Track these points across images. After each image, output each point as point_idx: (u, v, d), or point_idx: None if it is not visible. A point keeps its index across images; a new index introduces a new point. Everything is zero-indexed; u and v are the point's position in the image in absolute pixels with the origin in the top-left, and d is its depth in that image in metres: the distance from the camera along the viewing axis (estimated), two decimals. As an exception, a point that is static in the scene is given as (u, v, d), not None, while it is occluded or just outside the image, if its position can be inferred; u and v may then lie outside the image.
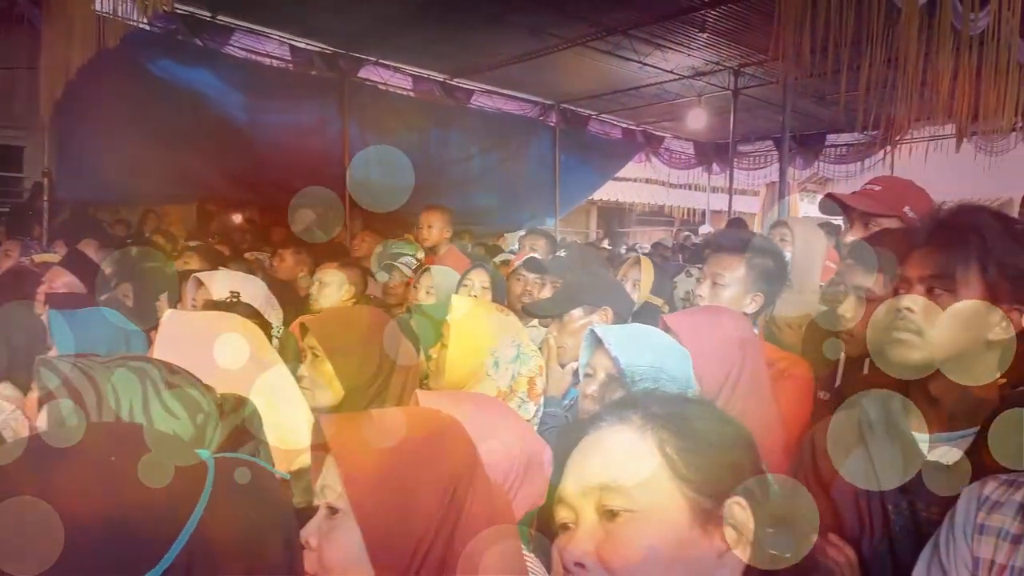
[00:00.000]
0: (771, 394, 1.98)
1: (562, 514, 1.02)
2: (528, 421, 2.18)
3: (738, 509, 0.96)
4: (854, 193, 2.53)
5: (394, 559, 1.05)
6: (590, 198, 14.87)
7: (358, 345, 1.98)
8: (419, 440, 1.14)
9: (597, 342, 1.91)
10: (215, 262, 4.17)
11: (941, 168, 9.52)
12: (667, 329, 1.95)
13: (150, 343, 1.93)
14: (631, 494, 0.95)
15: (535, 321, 3.09)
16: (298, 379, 1.99)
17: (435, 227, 4.81)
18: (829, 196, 2.52)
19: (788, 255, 2.93)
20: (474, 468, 1.17)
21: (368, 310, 2.27)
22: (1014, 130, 7.81)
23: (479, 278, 3.31)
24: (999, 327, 1.36)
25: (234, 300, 2.53)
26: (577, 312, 2.52)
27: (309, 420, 1.78)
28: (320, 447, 1.17)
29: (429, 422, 1.22)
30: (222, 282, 2.84)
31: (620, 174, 14.67)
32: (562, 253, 4.21)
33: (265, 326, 2.44)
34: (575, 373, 2.49)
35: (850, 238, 2.36)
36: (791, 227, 3.29)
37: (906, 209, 2.33)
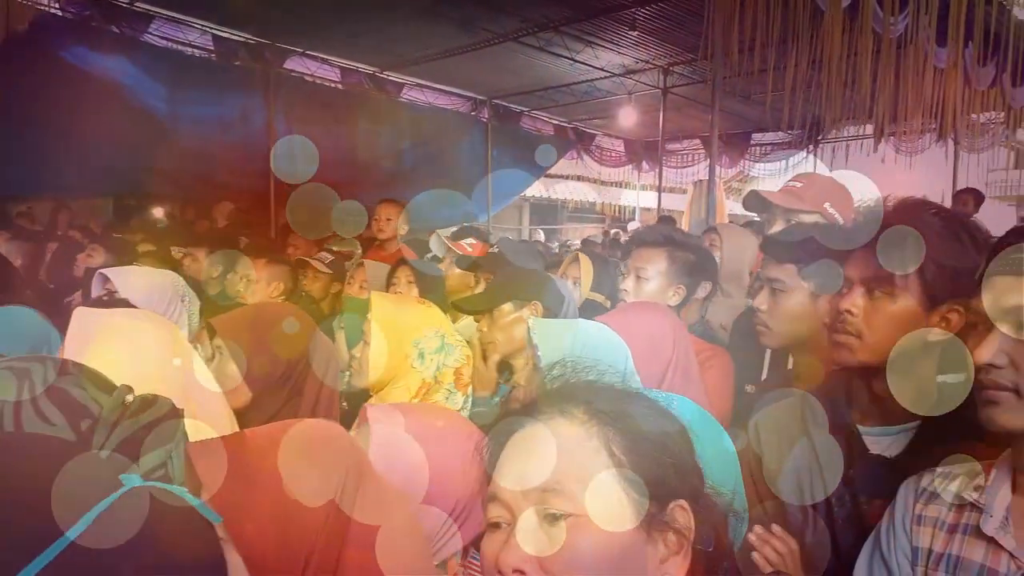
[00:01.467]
0: (702, 386, 2.00)
1: (494, 512, 0.92)
2: (458, 412, 2.15)
3: (680, 512, 0.90)
4: (777, 191, 2.58)
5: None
6: (523, 194, 14.87)
7: (264, 345, 1.88)
8: (296, 457, 1.07)
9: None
10: (123, 256, 4.00)
11: (861, 167, 9.85)
12: None
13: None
14: (576, 498, 0.87)
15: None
16: (209, 380, 1.89)
17: (394, 220, 4.77)
18: (754, 193, 2.56)
19: (718, 260, 2.99)
20: (360, 473, 1.12)
21: (278, 307, 2.16)
22: (928, 131, 8.14)
23: (404, 274, 3.25)
24: (938, 328, 1.36)
25: (110, 299, 2.38)
26: (507, 307, 2.47)
27: (231, 421, 1.69)
28: (190, 477, 1.09)
29: (305, 435, 1.14)
30: (129, 278, 2.69)
31: (552, 171, 14.73)
32: (495, 249, 4.17)
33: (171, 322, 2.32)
34: (503, 371, 2.49)
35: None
36: (720, 233, 3.33)
37: (827, 205, 2.40)
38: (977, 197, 7.10)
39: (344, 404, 2.54)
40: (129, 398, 1.19)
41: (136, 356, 1.59)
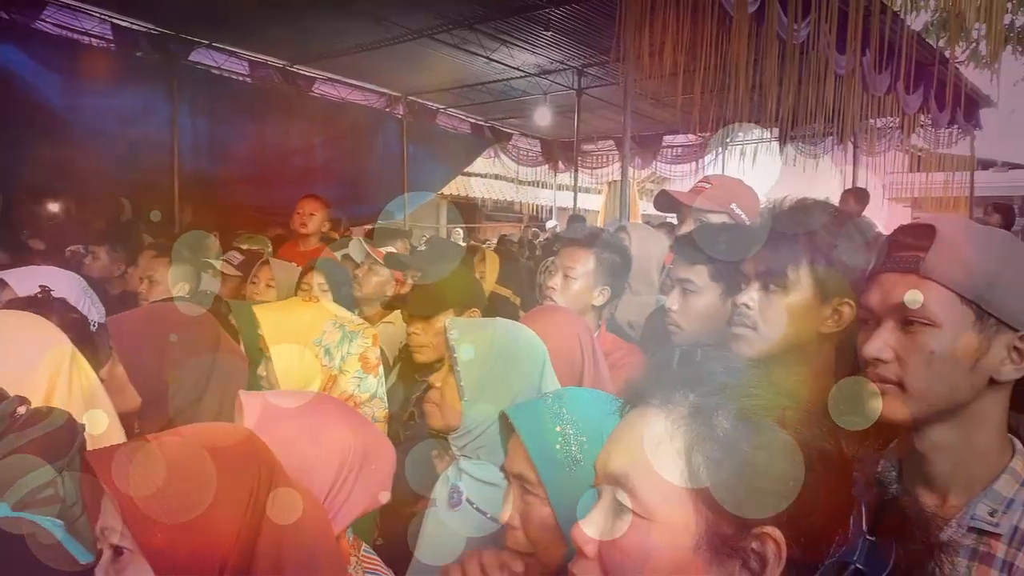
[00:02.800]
0: (612, 387, 2.01)
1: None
2: (373, 397, 2.12)
3: (768, 541, 0.80)
4: (687, 191, 2.63)
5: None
6: (440, 193, 14.79)
7: (153, 347, 1.79)
8: (204, 460, 1.03)
9: None
10: (20, 257, 3.78)
11: (768, 169, 10.19)
12: None
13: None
14: (642, 497, 0.83)
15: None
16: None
17: (317, 216, 4.73)
18: (664, 193, 2.61)
19: None
20: (271, 473, 1.09)
21: (170, 308, 2.06)
22: (830, 135, 8.48)
23: (317, 279, 3.18)
24: (830, 320, 1.42)
25: (45, 296, 2.23)
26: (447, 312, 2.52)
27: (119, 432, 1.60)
28: (91, 485, 1.02)
29: (213, 438, 1.10)
30: (28, 278, 2.54)
31: (470, 169, 14.72)
32: (422, 247, 4.16)
33: (83, 322, 2.19)
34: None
35: (680, 232, 2.46)
36: (629, 232, 3.38)
37: (733, 205, 2.47)
38: (859, 197, 7.46)
39: None
40: (21, 410, 1.10)
41: (22, 361, 1.49)
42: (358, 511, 1.36)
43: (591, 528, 0.87)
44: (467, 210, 19.18)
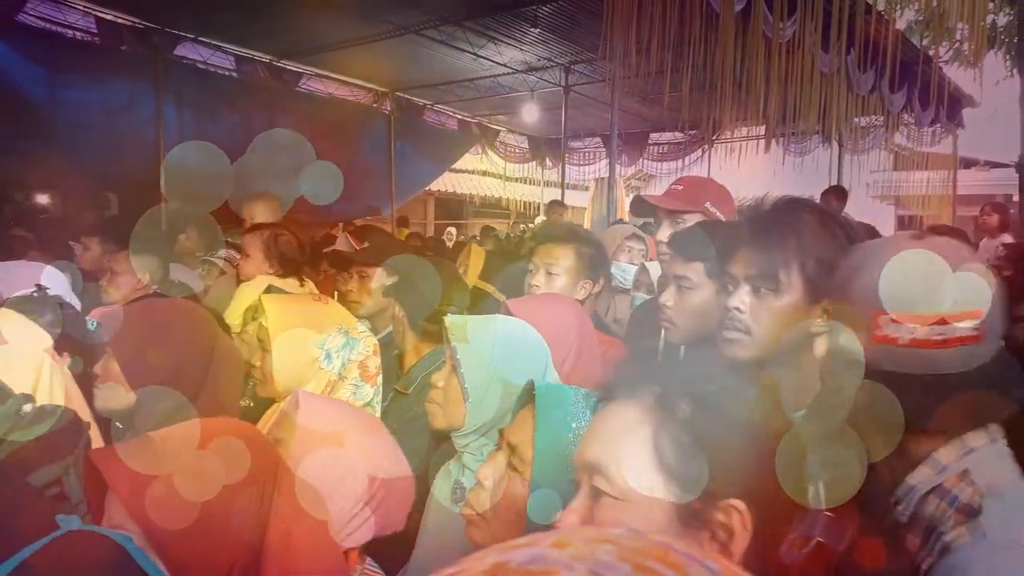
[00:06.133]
0: (601, 379, 2.01)
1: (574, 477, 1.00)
2: (366, 406, 2.12)
3: (733, 513, 0.87)
4: (660, 194, 2.65)
5: None
6: (427, 189, 14.75)
7: (147, 343, 1.78)
8: (210, 456, 1.04)
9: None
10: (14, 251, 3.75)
11: (754, 167, 10.24)
12: (509, 314, 1.95)
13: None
14: (615, 480, 0.91)
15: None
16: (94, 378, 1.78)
17: (258, 218, 4.54)
18: (638, 198, 2.64)
19: None
20: (276, 470, 1.10)
21: (167, 304, 2.05)
22: (816, 133, 8.54)
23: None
24: (820, 320, 1.43)
25: (41, 294, 2.22)
26: (376, 272, 2.68)
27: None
28: (97, 483, 1.02)
29: (219, 434, 1.11)
30: (18, 274, 2.53)
31: (457, 165, 14.68)
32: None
33: (78, 317, 2.18)
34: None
35: (659, 236, 2.47)
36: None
37: (707, 204, 2.49)
38: (839, 195, 7.56)
39: (249, 403, 2.45)
40: (27, 408, 1.10)
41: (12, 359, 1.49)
42: (372, 534, 1.38)
43: (573, 516, 0.93)
44: (454, 206, 19.16)
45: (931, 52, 7.95)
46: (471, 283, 3.17)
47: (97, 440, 1.50)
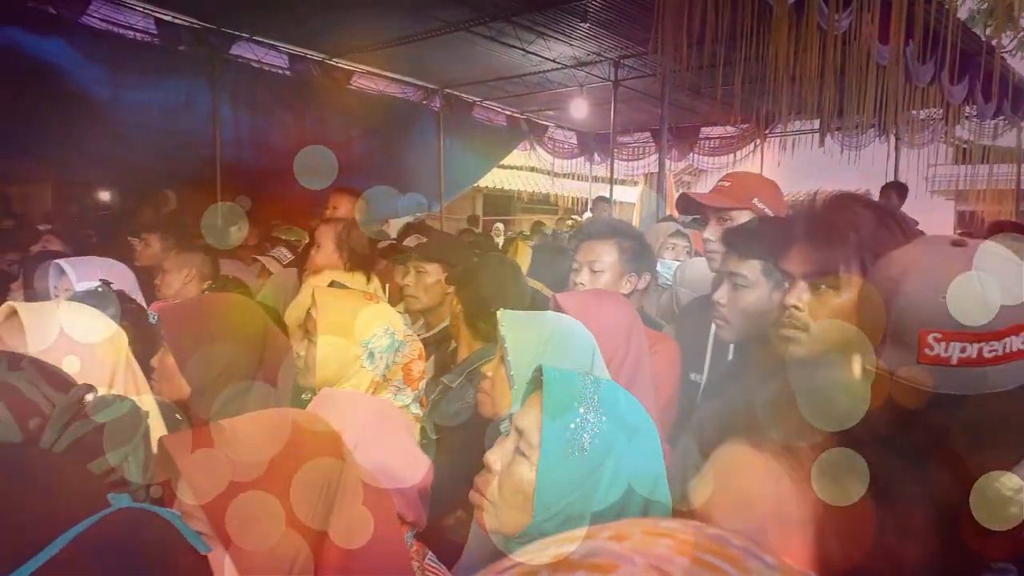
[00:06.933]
0: (651, 381, 2.01)
1: None
2: (406, 407, 2.14)
3: None
4: (707, 192, 2.62)
5: (268, 573, 0.98)
6: (475, 185, 14.81)
7: (202, 337, 1.82)
8: (280, 446, 1.05)
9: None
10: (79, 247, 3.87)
11: (807, 161, 10.04)
12: (558, 308, 1.96)
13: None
14: None
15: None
16: (150, 372, 1.84)
17: (340, 210, 4.64)
18: (683, 196, 2.60)
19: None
20: (342, 464, 1.11)
21: (223, 299, 2.10)
22: (872, 127, 8.33)
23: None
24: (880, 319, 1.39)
25: (106, 289, 2.30)
26: (433, 267, 2.70)
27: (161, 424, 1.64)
28: (169, 469, 1.05)
29: (288, 425, 1.13)
30: (86, 269, 2.62)
31: (505, 162, 14.69)
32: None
33: (141, 311, 2.25)
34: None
35: (707, 233, 2.44)
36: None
37: (755, 201, 2.44)
38: (900, 191, 7.36)
39: (310, 396, 2.49)
40: (88, 397, 1.14)
41: (76, 351, 1.54)
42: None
43: None
44: (502, 203, 19.19)
45: (994, 42, 7.69)
46: None
47: (160, 430, 1.55)
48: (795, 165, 10.38)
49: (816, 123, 9.24)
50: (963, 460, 1.04)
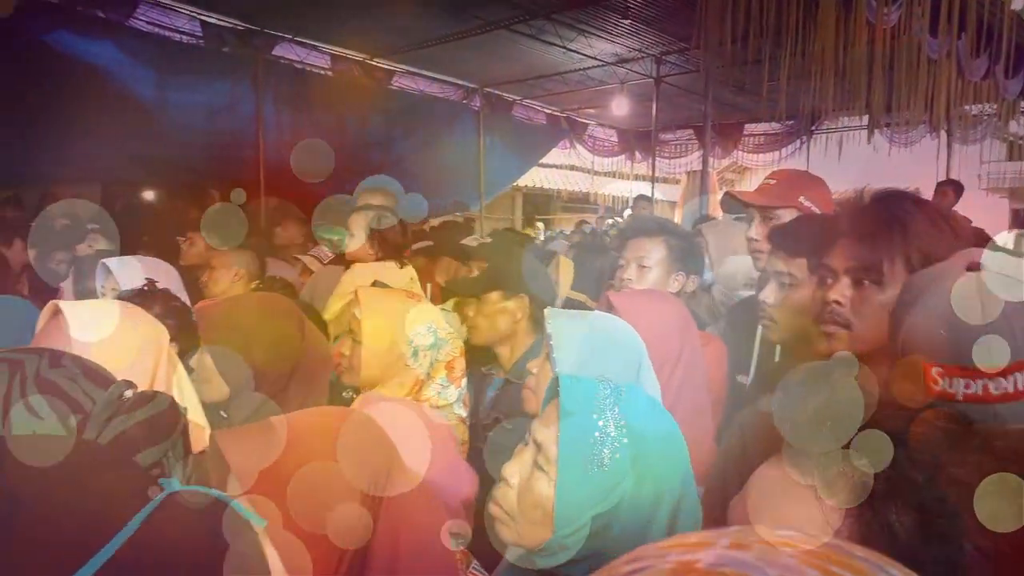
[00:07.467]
0: (704, 381, 1.97)
1: None
2: (450, 405, 2.15)
3: None
4: (752, 190, 2.57)
5: (318, 571, 0.97)
6: (515, 184, 14.81)
7: (238, 337, 1.82)
8: (329, 444, 1.06)
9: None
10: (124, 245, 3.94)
11: (855, 158, 9.83)
12: (610, 306, 1.93)
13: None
14: None
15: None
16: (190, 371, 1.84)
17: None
18: (728, 195, 2.56)
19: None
20: (391, 462, 1.11)
21: (259, 298, 2.10)
22: (922, 122, 8.13)
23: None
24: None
25: (151, 288, 2.34)
26: (494, 295, 2.50)
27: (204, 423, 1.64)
28: (220, 465, 1.05)
29: (338, 424, 1.12)
30: (132, 268, 2.66)
31: (545, 160, 14.67)
32: (488, 240, 4.18)
33: (185, 310, 2.28)
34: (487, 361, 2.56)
35: (751, 233, 2.38)
36: (704, 234, 3.33)
37: (801, 199, 2.39)
38: (957, 189, 7.19)
39: (351, 395, 2.49)
40: (128, 393, 1.15)
41: (120, 349, 1.55)
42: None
43: None
44: (542, 201, 19.18)
45: (1052, 35, 7.44)
46: (563, 295, 3.18)
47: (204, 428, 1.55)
48: (842, 162, 10.17)
49: (864, 119, 9.05)
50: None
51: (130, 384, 1.14)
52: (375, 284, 2.84)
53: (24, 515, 0.59)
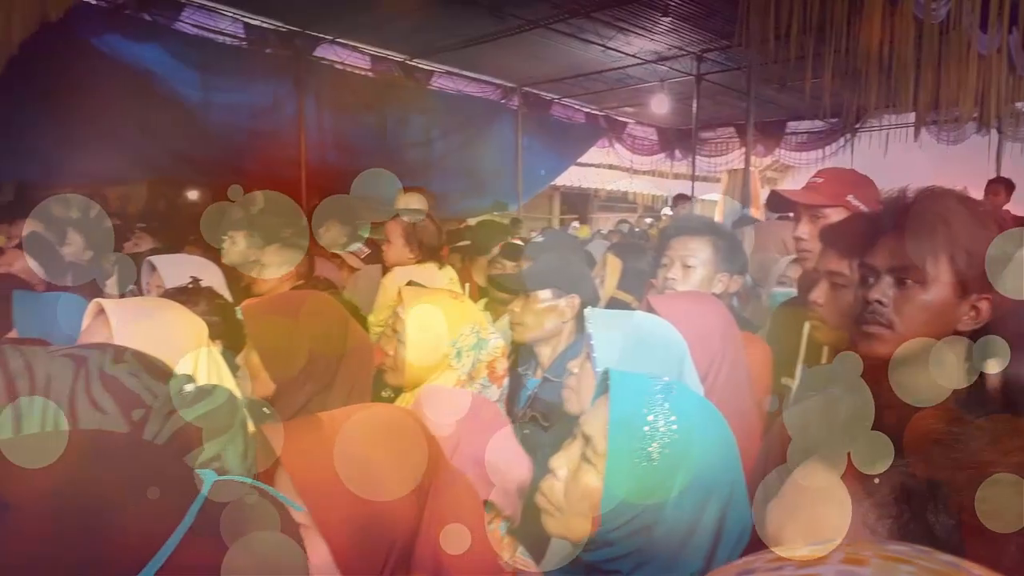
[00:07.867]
0: (748, 383, 1.95)
1: None
2: None
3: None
4: (798, 188, 2.52)
5: (365, 566, 0.99)
6: (553, 183, 14.79)
7: (284, 334, 1.84)
8: (377, 441, 1.07)
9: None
10: (171, 244, 4.01)
11: (901, 156, 9.63)
12: (651, 310, 1.92)
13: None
14: None
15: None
16: (236, 369, 1.87)
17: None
18: (774, 193, 2.51)
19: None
20: (436, 460, 1.12)
21: (303, 296, 2.12)
22: (972, 119, 7.93)
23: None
24: (967, 317, 1.34)
25: (195, 286, 2.38)
26: (544, 293, 2.49)
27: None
28: (268, 458, 1.07)
29: (384, 420, 1.14)
30: (177, 266, 2.70)
31: (583, 159, 14.63)
32: (539, 239, 4.19)
33: (229, 308, 2.31)
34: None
35: (798, 232, 2.34)
36: (744, 233, 3.29)
37: (849, 197, 2.33)
38: (1008, 187, 7.01)
39: (390, 394, 2.51)
40: (188, 388, 1.19)
41: (160, 346, 1.58)
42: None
43: None
44: (580, 200, 19.12)
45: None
46: (609, 294, 3.16)
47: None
48: (887, 160, 9.96)
49: (910, 116, 8.86)
50: None
51: (190, 378, 1.17)
52: (410, 283, 2.86)
53: (91, 513, 0.60)
